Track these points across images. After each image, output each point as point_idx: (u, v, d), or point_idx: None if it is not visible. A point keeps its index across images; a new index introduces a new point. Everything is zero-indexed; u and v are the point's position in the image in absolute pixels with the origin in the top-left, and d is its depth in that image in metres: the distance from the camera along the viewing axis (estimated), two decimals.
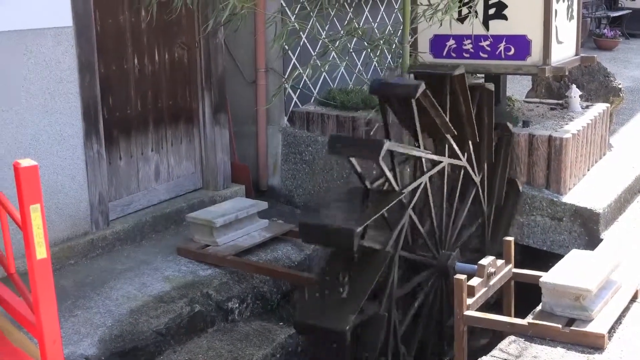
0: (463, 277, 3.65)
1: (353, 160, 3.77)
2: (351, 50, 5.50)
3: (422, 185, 4.09)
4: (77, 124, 4.69)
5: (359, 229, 3.45)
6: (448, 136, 4.29)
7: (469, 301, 3.68)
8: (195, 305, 4.33)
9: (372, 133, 5.66)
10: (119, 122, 5.11)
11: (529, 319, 3.57)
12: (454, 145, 4.37)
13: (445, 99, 4.22)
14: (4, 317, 2.68)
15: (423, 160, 4.15)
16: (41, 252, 2.22)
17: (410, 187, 4.01)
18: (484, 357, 3.41)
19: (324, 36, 5.59)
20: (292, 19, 5.12)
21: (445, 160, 4.31)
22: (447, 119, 4.20)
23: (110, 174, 5.05)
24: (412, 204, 4.00)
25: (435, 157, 4.24)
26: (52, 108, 4.53)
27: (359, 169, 3.81)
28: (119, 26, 5.02)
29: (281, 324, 4.62)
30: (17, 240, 3.12)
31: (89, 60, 4.70)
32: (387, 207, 3.73)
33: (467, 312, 3.66)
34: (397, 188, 3.87)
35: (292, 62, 6.07)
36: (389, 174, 3.80)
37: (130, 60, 5.15)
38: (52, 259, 2.28)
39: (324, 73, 6.19)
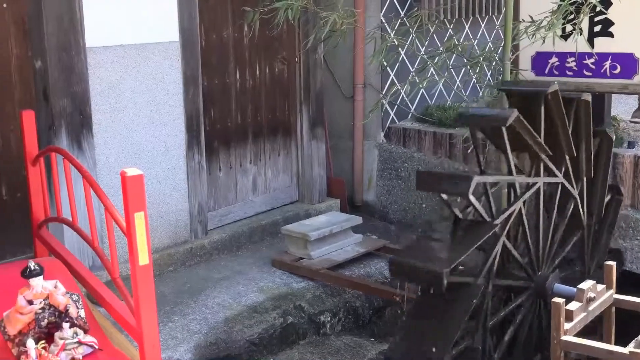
0: (561, 300, 3.53)
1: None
2: (450, 66, 5.44)
3: (516, 211, 3.98)
4: (181, 135, 4.83)
5: (447, 270, 3.38)
6: (543, 156, 4.17)
7: (567, 326, 3.56)
8: (288, 317, 4.37)
9: (469, 151, 5.58)
10: (219, 134, 5.24)
11: (630, 348, 3.42)
12: (550, 164, 4.24)
13: (539, 118, 4.11)
14: (107, 319, 2.78)
15: (517, 184, 4.04)
16: (144, 258, 2.29)
17: (503, 216, 3.90)
18: None
19: (423, 52, 5.56)
20: (392, 35, 5.11)
21: (541, 180, 4.18)
22: (542, 139, 4.08)
23: (209, 184, 5.17)
24: (505, 231, 3.89)
25: (529, 180, 4.12)
26: (157, 119, 4.68)
27: (447, 199, 3.75)
28: (222, 41, 5.15)
29: (372, 339, 4.59)
30: (121, 246, 3.24)
31: (193, 74, 4.83)
32: (478, 242, 3.64)
33: (565, 337, 3.54)
34: (488, 219, 3.78)
35: (390, 78, 6.06)
36: (479, 207, 3.71)
37: (232, 74, 5.26)
38: (153, 265, 2.35)
39: (422, 89, 6.15)
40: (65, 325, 2.45)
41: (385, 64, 5.50)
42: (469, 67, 5.06)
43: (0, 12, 4.00)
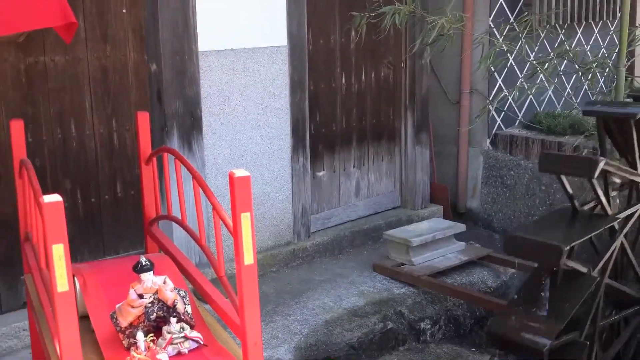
0: None
1: (564, 178, 3.61)
2: (561, 73, 5.29)
3: (638, 213, 3.82)
4: (286, 138, 4.90)
5: (566, 247, 3.28)
6: None
7: None
8: (388, 322, 4.35)
9: None
10: (324, 138, 5.28)
11: None
12: None
13: None
14: (212, 316, 2.84)
15: None
16: (249, 258, 2.32)
17: (624, 214, 3.75)
18: None
19: (532, 58, 5.43)
20: (500, 40, 5.01)
21: None
22: None
23: (313, 188, 5.22)
24: (624, 231, 3.75)
25: None
26: (264, 122, 4.77)
27: (569, 189, 3.64)
28: (329, 46, 5.19)
29: (473, 349, 4.51)
30: (227, 246, 3.31)
31: (300, 78, 4.89)
32: (597, 231, 3.52)
33: None
34: (609, 212, 3.65)
35: (498, 84, 5.95)
36: (602, 196, 3.58)
37: (338, 78, 5.30)
38: (257, 265, 2.38)
39: (531, 96, 6.01)
40: (173, 320, 2.51)
41: (493, 69, 5.41)
42: (580, 73, 4.91)
43: (120, 18, 4.17)
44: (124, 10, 4.18)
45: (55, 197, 2.09)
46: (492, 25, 5.76)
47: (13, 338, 3.87)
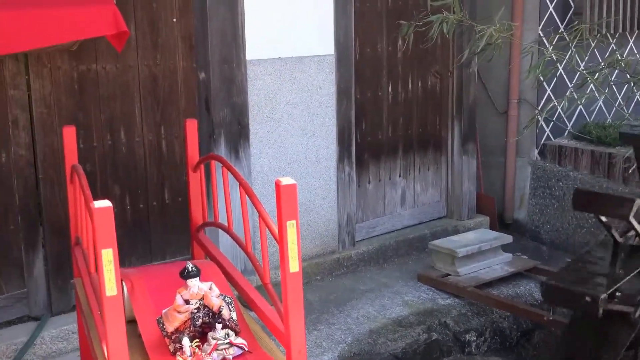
0: None
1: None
2: (612, 82, 5.19)
3: None
4: (332, 147, 4.90)
5: (604, 296, 3.19)
6: None
7: None
8: (432, 333, 4.31)
9: (630, 171, 5.29)
10: (370, 146, 5.27)
11: None
12: None
13: None
14: (257, 323, 2.85)
15: None
16: (294, 265, 2.32)
17: None
18: None
19: (582, 67, 5.34)
20: (550, 49, 4.94)
21: None
22: None
23: (358, 196, 5.21)
24: None
25: None
26: (310, 131, 4.78)
27: (606, 221, 3.55)
28: (376, 55, 5.19)
29: None
30: (272, 253, 3.32)
31: (347, 86, 4.90)
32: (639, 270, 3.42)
33: None
34: None
35: (547, 94, 5.86)
36: None
37: (385, 87, 5.29)
38: (302, 273, 2.38)
39: (580, 106, 5.91)
40: (218, 326, 2.53)
41: (542, 78, 5.33)
42: (632, 83, 4.81)
43: (170, 27, 4.23)
44: (174, 19, 4.24)
45: (106, 203, 2.12)
46: (542, 34, 5.69)
47: (62, 340, 3.93)
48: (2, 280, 3.91)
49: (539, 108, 5.70)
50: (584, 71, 4.85)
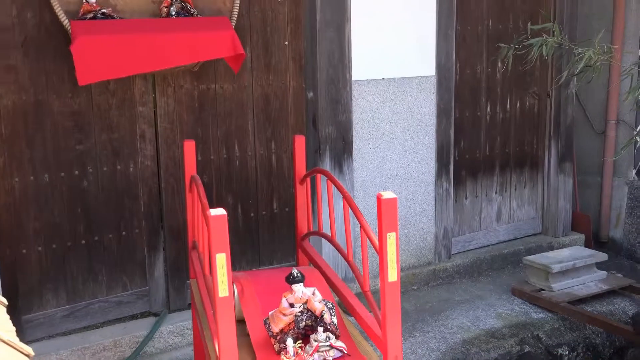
0: None
1: None
2: None
3: None
4: (431, 163, 4.86)
5: None
6: None
7: None
8: (525, 346, 4.19)
9: None
10: (467, 164, 5.19)
11: None
12: None
13: None
14: (355, 328, 2.85)
15: None
16: (392, 275, 2.31)
17: None
18: None
19: None
20: None
21: None
22: None
23: (455, 211, 5.14)
24: None
25: None
26: (410, 148, 4.76)
27: None
28: (475, 76, 5.11)
29: None
30: (372, 263, 3.32)
31: (446, 106, 4.85)
32: None
33: None
34: None
35: None
36: None
37: (483, 107, 5.20)
38: (400, 282, 2.37)
39: None
40: (320, 329, 2.55)
41: None
42: None
43: (282, 50, 4.32)
44: (286, 43, 4.32)
45: (221, 211, 2.18)
46: None
47: (178, 335, 4.06)
48: (127, 279, 4.07)
49: (638, 129, 5.47)
50: None
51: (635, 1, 5.43)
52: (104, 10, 3.59)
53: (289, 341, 2.50)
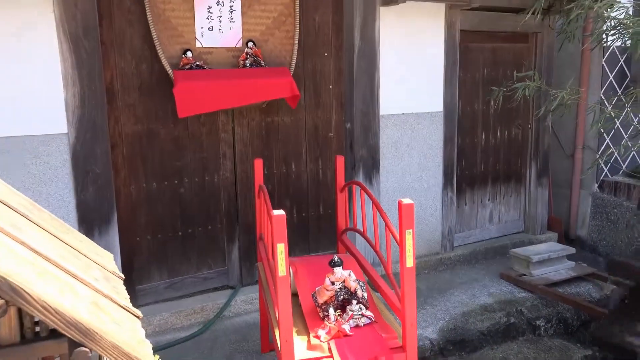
0: None
1: None
2: None
3: None
4: (439, 177, 4.79)
5: None
6: None
7: None
8: (510, 318, 4.09)
9: None
10: (467, 178, 5.10)
11: None
12: None
13: None
14: (381, 302, 2.82)
15: None
16: (409, 262, 2.29)
17: None
18: None
19: (636, 122, 4.91)
20: (609, 108, 4.60)
21: None
22: None
23: (457, 214, 5.05)
24: None
25: None
26: (424, 166, 4.70)
27: None
28: (473, 111, 5.03)
29: (578, 345, 4.10)
30: (394, 252, 3.28)
31: (451, 134, 4.78)
32: None
33: None
34: None
35: (606, 142, 5.44)
36: None
37: (479, 135, 5.11)
38: (415, 268, 2.33)
39: (633, 151, 5.44)
40: (354, 301, 2.53)
41: (602, 130, 4.97)
42: None
43: (328, 91, 4.31)
44: (331, 86, 4.32)
45: (280, 212, 2.19)
46: (603, 97, 5.30)
47: (248, 304, 4.07)
48: (211, 261, 4.10)
49: (599, 153, 5.31)
50: (638, 125, 4.46)
51: (597, 55, 5.30)
52: (197, 63, 3.65)
53: (331, 310, 2.49)
